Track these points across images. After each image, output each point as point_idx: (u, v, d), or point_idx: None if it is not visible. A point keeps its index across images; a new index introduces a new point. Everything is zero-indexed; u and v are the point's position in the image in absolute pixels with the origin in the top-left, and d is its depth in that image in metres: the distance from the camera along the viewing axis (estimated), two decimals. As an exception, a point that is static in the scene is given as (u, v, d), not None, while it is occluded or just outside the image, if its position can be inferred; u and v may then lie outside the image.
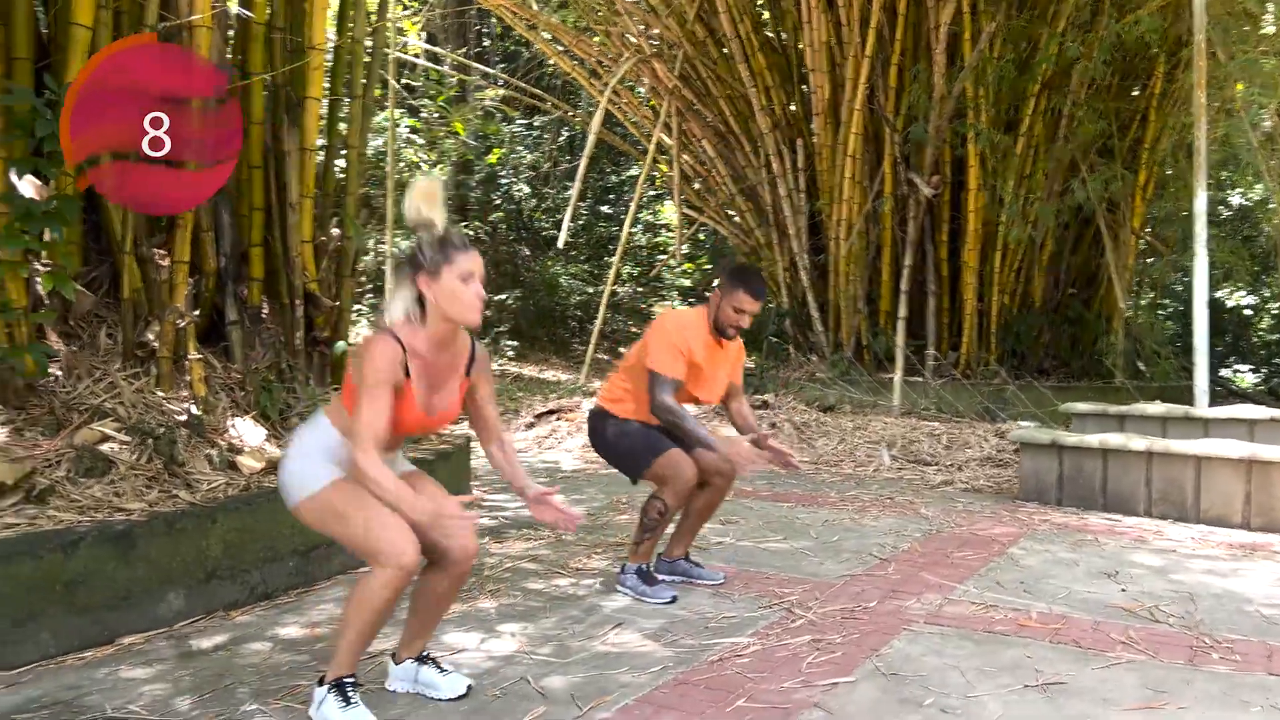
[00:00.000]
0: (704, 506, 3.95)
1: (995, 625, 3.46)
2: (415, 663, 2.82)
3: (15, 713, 2.64)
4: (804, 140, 11.31)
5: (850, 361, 11.20)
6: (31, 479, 3.53)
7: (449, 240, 2.54)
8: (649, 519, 3.74)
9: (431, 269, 2.50)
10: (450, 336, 2.60)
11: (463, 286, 2.51)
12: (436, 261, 2.50)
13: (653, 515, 3.73)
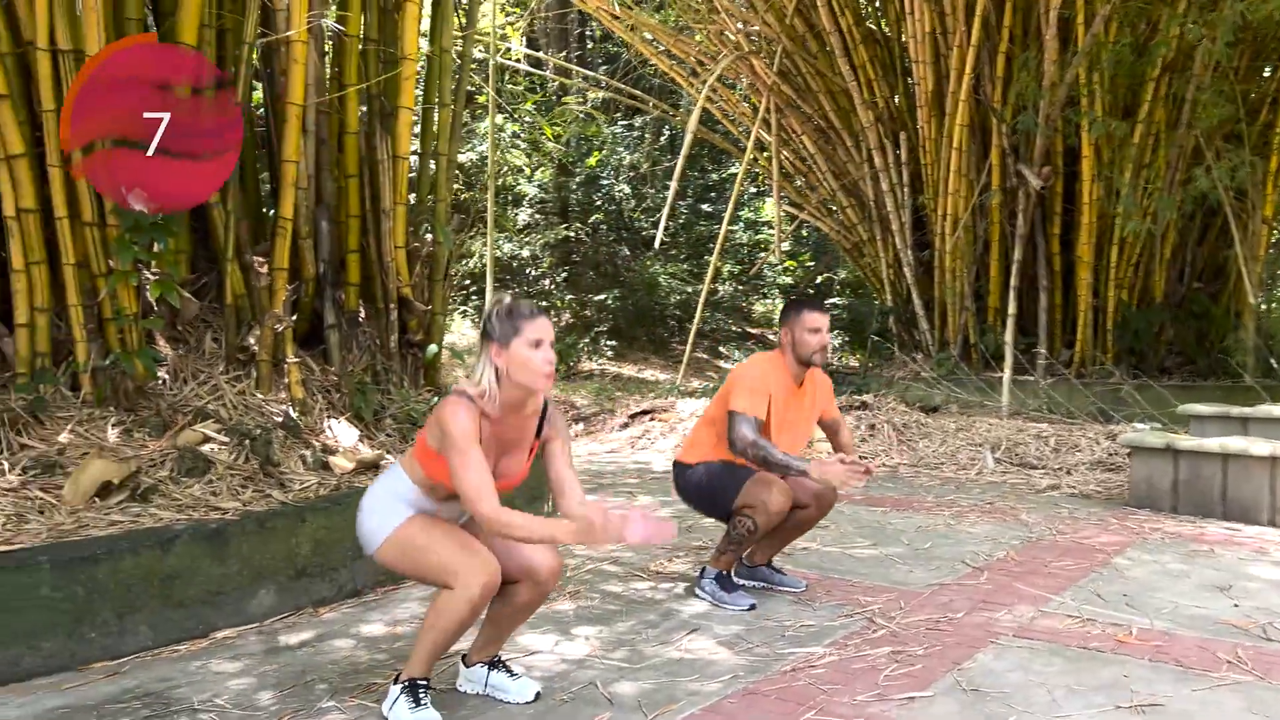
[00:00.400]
0: (797, 524, 3.88)
1: (1090, 641, 3.30)
2: (486, 667, 2.85)
3: (110, 702, 2.78)
4: (907, 133, 11.05)
5: (957, 360, 10.89)
6: (136, 478, 3.71)
7: (517, 310, 2.61)
8: (735, 533, 3.66)
9: (502, 340, 2.58)
10: (522, 402, 2.66)
11: (532, 354, 2.57)
12: (506, 333, 2.58)
13: (740, 531, 3.63)
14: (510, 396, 2.62)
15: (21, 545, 3.10)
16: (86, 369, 4.19)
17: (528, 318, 2.60)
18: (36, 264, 4.19)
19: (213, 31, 4.73)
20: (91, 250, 4.24)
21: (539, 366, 2.57)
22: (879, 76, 11.05)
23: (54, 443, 3.87)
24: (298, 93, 4.73)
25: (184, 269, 4.82)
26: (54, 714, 2.70)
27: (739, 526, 3.65)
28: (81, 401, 4.17)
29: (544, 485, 5.19)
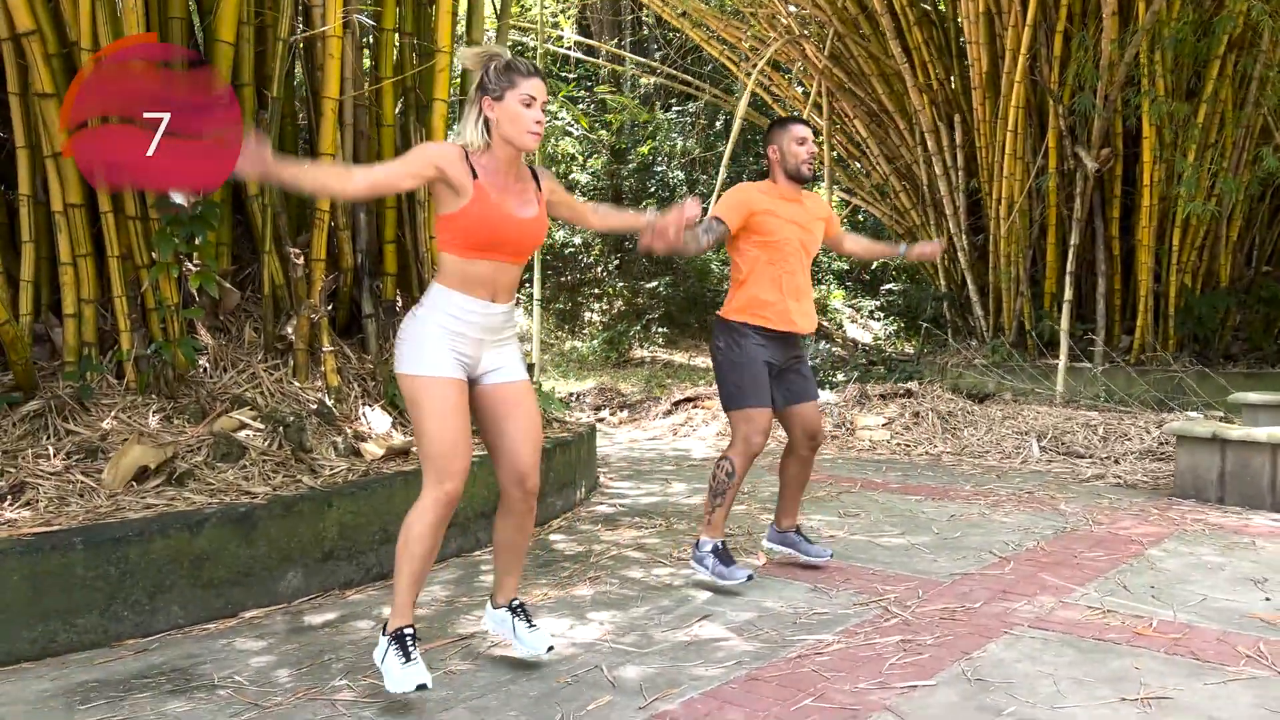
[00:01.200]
0: (797, 474, 4.00)
1: (1107, 633, 3.26)
2: (508, 611, 2.98)
3: (137, 677, 2.91)
4: (962, 116, 10.86)
5: (1011, 347, 10.72)
6: (173, 463, 3.85)
7: (514, 66, 2.69)
8: (717, 482, 3.78)
9: (495, 93, 2.66)
10: (512, 161, 2.74)
11: (524, 110, 2.65)
12: (501, 85, 2.66)
13: (720, 477, 3.76)
14: (501, 153, 2.71)
15: (59, 527, 3.25)
16: (130, 358, 4.36)
17: (524, 75, 2.68)
18: (83, 257, 4.36)
19: (251, 29, 4.85)
20: (135, 243, 4.40)
21: (527, 123, 2.65)
22: (933, 58, 10.87)
23: (98, 429, 4.04)
24: (333, 87, 4.83)
25: (225, 260, 4.97)
26: (84, 687, 2.83)
27: (719, 472, 3.79)
28: (125, 389, 4.34)
29: (577, 472, 5.27)
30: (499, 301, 2.79)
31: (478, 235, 2.68)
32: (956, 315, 11.78)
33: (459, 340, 2.73)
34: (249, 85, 4.87)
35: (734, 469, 3.76)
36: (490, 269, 2.74)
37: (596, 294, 15.06)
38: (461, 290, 2.73)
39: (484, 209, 2.68)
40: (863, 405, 8.28)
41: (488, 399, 2.85)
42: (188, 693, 2.79)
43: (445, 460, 2.64)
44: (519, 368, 2.91)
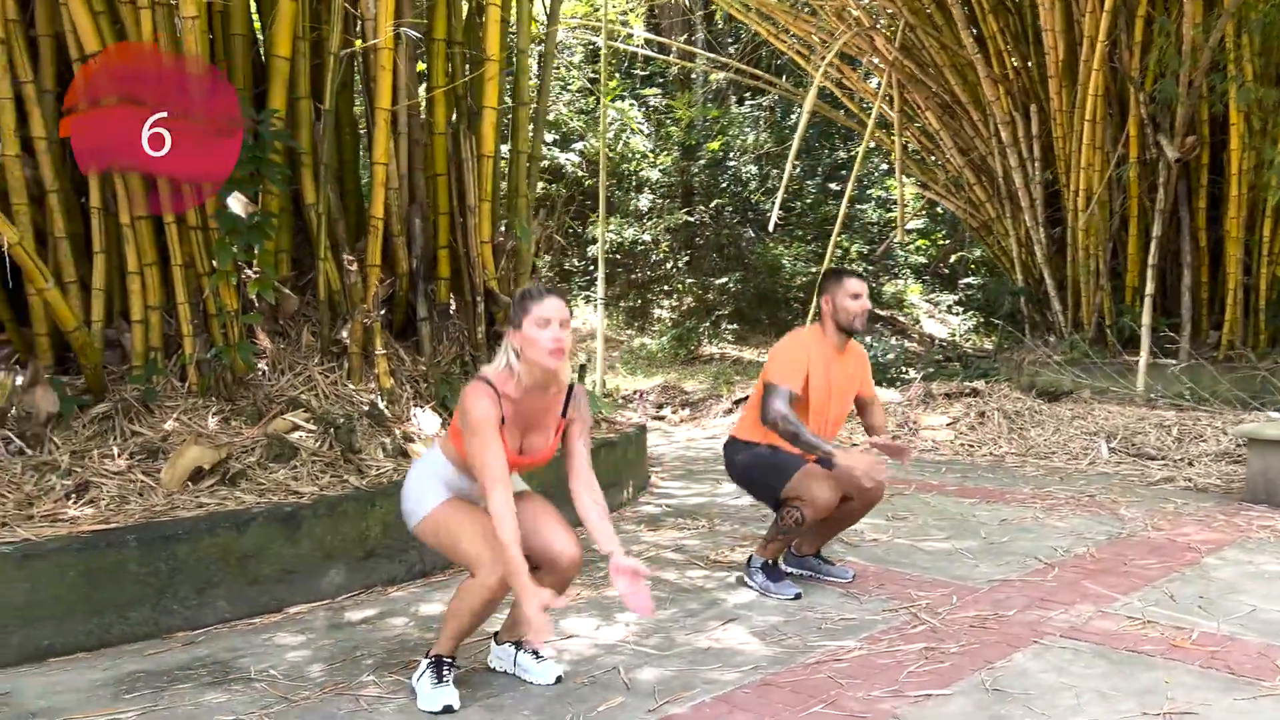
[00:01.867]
0: (843, 516, 3.89)
1: (1143, 644, 3.18)
2: (513, 647, 3.01)
3: (181, 669, 3.07)
4: (1038, 106, 10.59)
5: (1090, 343, 10.42)
6: (227, 464, 4.03)
7: (527, 293, 2.77)
8: (784, 524, 3.70)
9: (516, 323, 2.74)
10: (544, 382, 2.78)
11: (539, 333, 2.69)
12: (519, 315, 2.73)
13: (788, 523, 3.67)
14: (531, 377, 2.75)
15: (115, 525, 3.44)
16: (192, 361, 4.57)
17: (535, 299, 2.73)
18: (149, 266, 4.58)
19: (307, 43, 5.03)
20: (197, 252, 4.61)
21: (545, 344, 2.69)
22: (1008, 47, 10.62)
23: (160, 430, 4.25)
24: (385, 98, 4.98)
25: (285, 267, 5.16)
26: (132, 677, 3.00)
27: (787, 518, 3.69)
28: (188, 391, 4.55)
29: (622, 472, 5.33)
30: None
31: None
32: (1034, 311, 11.50)
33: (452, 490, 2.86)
34: (305, 98, 5.04)
35: (803, 520, 3.63)
36: None
37: (666, 290, 15.11)
38: (464, 473, 2.84)
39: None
40: (927, 404, 8.16)
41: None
42: (225, 684, 2.93)
43: (490, 561, 2.68)
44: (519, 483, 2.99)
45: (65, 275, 4.58)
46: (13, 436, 3.99)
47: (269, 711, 2.73)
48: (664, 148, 15.49)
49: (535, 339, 2.69)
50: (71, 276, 4.60)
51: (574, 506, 2.87)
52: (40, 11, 4.58)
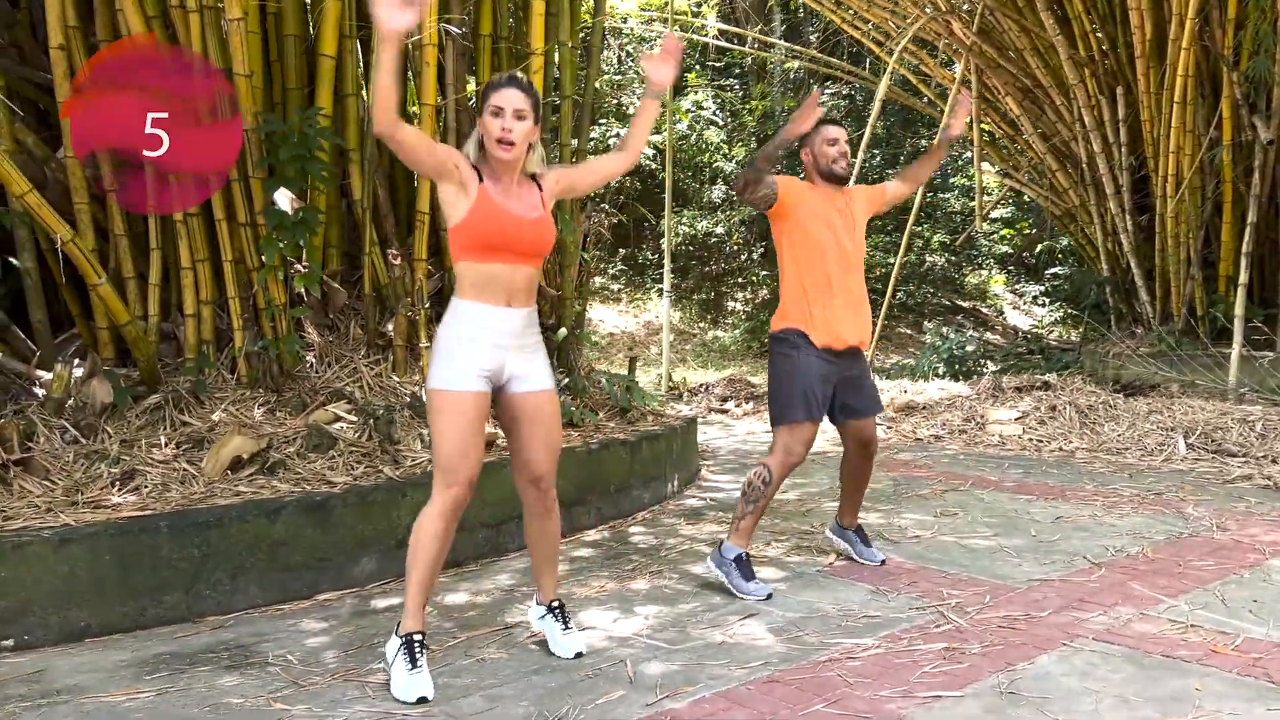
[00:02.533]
0: (852, 477, 3.98)
1: (1179, 649, 3.02)
2: (548, 610, 3.11)
3: (204, 652, 3.16)
4: (1125, 88, 10.16)
5: (1180, 335, 9.97)
6: (267, 454, 4.14)
7: (491, 83, 2.84)
8: (751, 488, 3.68)
9: (478, 110, 2.85)
10: (508, 169, 2.84)
11: (491, 120, 2.78)
12: (480, 103, 2.84)
13: (756, 484, 3.67)
14: (493, 164, 2.83)
15: (150, 512, 3.56)
16: (242, 354, 4.71)
17: (495, 87, 2.80)
18: (201, 261, 4.73)
19: (354, 41, 5.12)
20: (246, 248, 4.74)
21: (494, 132, 2.76)
22: (1093, 27, 10.22)
23: (208, 420, 4.39)
24: (429, 93, 5.04)
25: (336, 261, 5.28)
26: (158, 659, 3.11)
27: (754, 479, 3.69)
28: (236, 383, 4.68)
29: (666, 466, 5.31)
30: (515, 305, 2.86)
31: (485, 235, 2.76)
32: (1120, 301, 11.08)
33: (479, 349, 2.81)
34: (353, 95, 5.14)
35: (770, 477, 3.65)
36: (504, 271, 2.82)
37: (740, 282, 14.99)
38: (477, 299, 2.82)
39: (488, 209, 2.78)
40: (996, 398, 7.92)
41: (511, 406, 2.93)
42: (241, 668, 3.01)
43: (452, 467, 2.77)
44: (544, 377, 2.97)
45: (125, 271, 4.77)
46: (68, 426, 4.17)
47: (277, 695, 2.79)
48: (739, 138, 15.36)
49: (488, 124, 2.78)
50: (130, 272, 4.78)
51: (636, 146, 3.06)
52: (100, 17, 4.76)
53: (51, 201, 4.77)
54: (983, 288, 15.39)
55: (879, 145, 15.65)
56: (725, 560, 3.69)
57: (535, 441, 2.95)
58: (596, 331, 13.88)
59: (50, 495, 3.68)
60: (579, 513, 4.72)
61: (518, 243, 2.82)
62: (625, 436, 5.10)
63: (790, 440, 3.67)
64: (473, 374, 2.79)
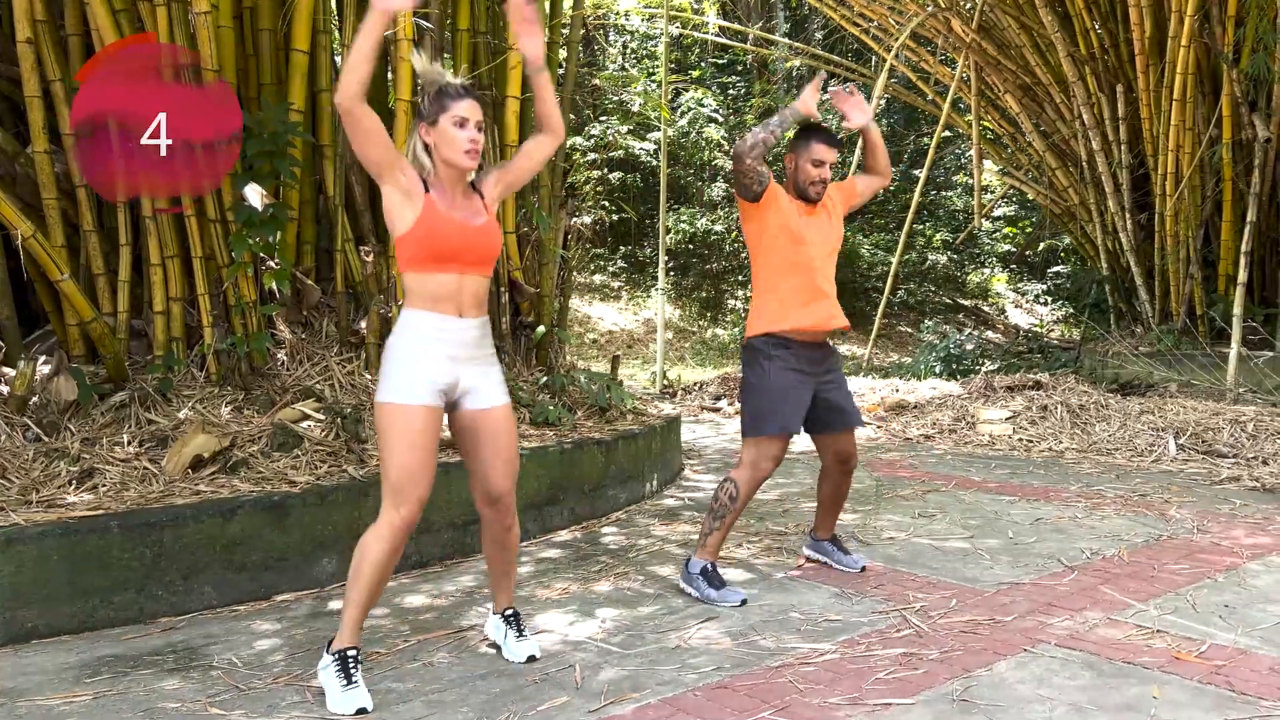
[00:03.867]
0: (831, 494, 3.88)
1: (1141, 656, 2.95)
2: (502, 619, 3.06)
3: (151, 654, 3.11)
4: (1125, 86, 10.06)
5: (1180, 334, 9.87)
6: (229, 452, 4.10)
7: (445, 90, 2.76)
8: (719, 504, 3.62)
9: (430, 118, 2.75)
10: (457, 181, 2.80)
11: (457, 131, 2.71)
12: (434, 111, 2.74)
13: (723, 499, 3.61)
14: (444, 175, 2.77)
15: (101, 512, 3.52)
16: (211, 352, 4.66)
17: (454, 97, 2.73)
18: (171, 258, 4.69)
19: (328, 36, 5.07)
20: (216, 244, 4.69)
21: (462, 143, 2.71)
22: (1093, 24, 10.12)
23: (174, 419, 4.34)
24: (405, 88, 4.99)
25: (309, 258, 5.23)
26: (103, 661, 3.06)
27: (721, 495, 3.63)
28: (206, 380, 4.64)
29: (643, 466, 5.24)
30: (467, 316, 2.79)
31: (433, 246, 2.70)
32: (1120, 300, 10.97)
33: (431, 362, 2.73)
34: (327, 90, 5.09)
35: (737, 493, 3.58)
36: (453, 282, 2.75)
37: (740, 281, 14.90)
38: (429, 309, 2.75)
39: (435, 219, 2.71)
40: (987, 398, 7.83)
41: (465, 424, 2.86)
42: (184, 671, 2.96)
43: (404, 488, 2.67)
44: (498, 392, 2.90)
45: (94, 267, 4.73)
46: (30, 424, 4.13)
47: (215, 700, 2.74)
48: (740, 135, 15.29)
49: (453, 137, 2.71)
50: (100, 268, 4.74)
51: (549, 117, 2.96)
52: (69, 10, 4.72)
53: (21, 197, 4.77)
54: (984, 286, 15.28)
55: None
56: (692, 575, 3.63)
57: (493, 460, 2.86)
58: (595, 329, 13.82)
59: (4, 494, 3.63)
60: (551, 512, 4.66)
61: (467, 252, 2.76)
62: (602, 436, 5.04)
63: (758, 455, 3.58)
64: (424, 388, 2.71)
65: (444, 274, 2.74)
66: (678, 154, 14.40)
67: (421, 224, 2.70)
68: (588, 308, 14.20)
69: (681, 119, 14.31)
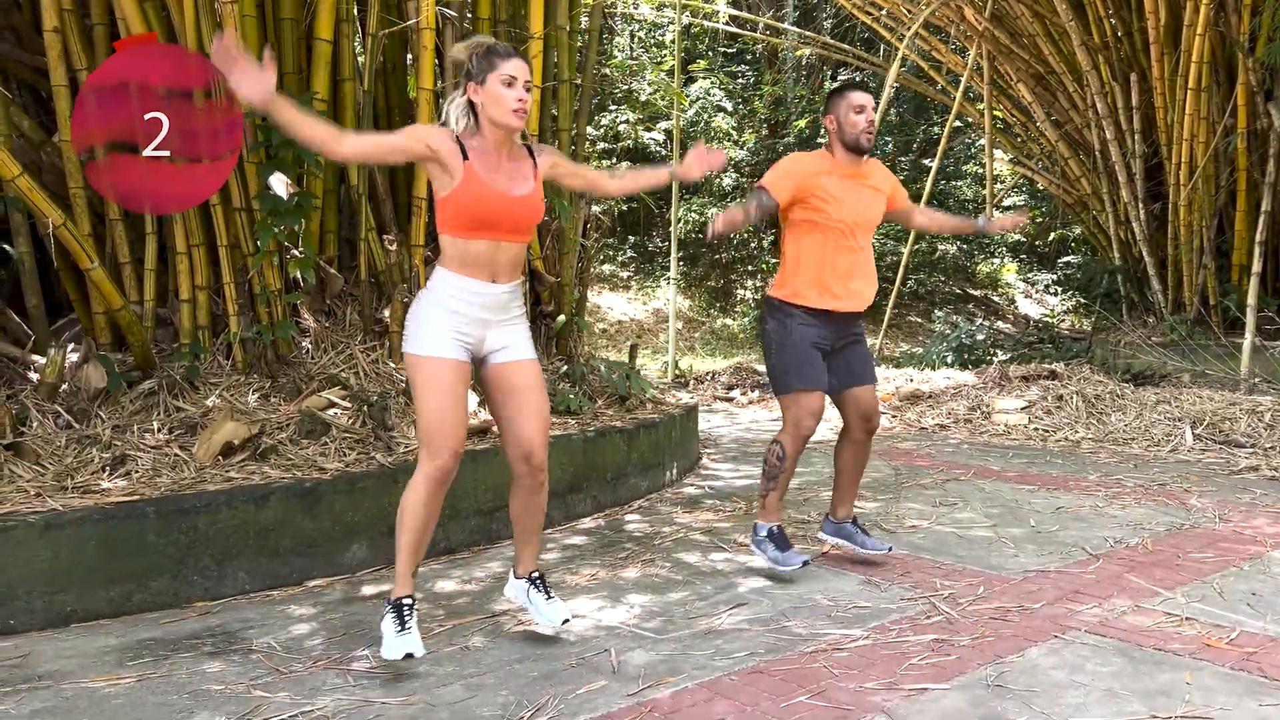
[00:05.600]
0: (851, 460, 3.88)
1: (1172, 643, 2.98)
2: (527, 581, 3.07)
3: (190, 638, 3.15)
4: (1140, 75, 10.04)
5: (1192, 325, 9.88)
6: (258, 440, 4.13)
7: (494, 49, 2.78)
8: (769, 466, 3.71)
9: (479, 77, 2.75)
10: (503, 142, 2.81)
11: (505, 90, 2.72)
12: (483, 69, 2.75)
13: (772, 462, 3.69)
14: (490, 135, 2.78)
15: (138, 498, 3.55)
16: (237, 340, 4.69)
17: (504, 56, 2.75)
18: (196, 246, 4.71)
19: (351, 25, 5.08)
20: (241, 233, 4.72)
21: (510, 103, 2.72)
22: (1107, 13, 10.09)
23: (202, 406, 4.37)
24: (427, 78, 5.00)
25: (333, 247, 5.24)
26: (143, 644, 3.10)
27: (770, 458, 3.71)
28: (232, 368, 4.67)
29: (664, 454, 5.27)
30: (500, 281, 2.83)
31: (471, 213, 2.73)
32: (1133, 290, 10.98)
33: (460, 320, 2.78)
34: (350, 80, 5.10)
35: (785, 453, 3.67)
36: (488, 248, 2.78)
37: (750, 270, 14.91)
38: (461, 272, 2.79)
39: (475, 187, 2.74)
40: (1002, 388, 7.84)
41: (495, 378, 2.91)
42: (225, 654, 2.99)
43: (437, 437, 2.75)
44: (526, 347, 2.95)
45: (120, 255, 4.76)
46: (61, 411, 4.16)
47: (257, 682, 2.77)
48: (750, 125, 15.26)
49: (500, 95, 2.72)
50: (126, 257, 4.77)
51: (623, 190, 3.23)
52: (95, 1, 4.73)
53: (47, 185, 4.79)
54: (994, 276, 15.26)
55: (891, 132, 15.53)
56: (760, 539, 3.72)
57: (525, 412, 2.90)
58: (605, 319, 13.84)
59: (40, 480, 3.67)
60: (574, 500, 4.69)
61: (506, 219, 2.78)
62: (623, 424, 5.07)
63: (799, 412, 3.64)
64: (451, 341, 2.78)
65: (480, 240, 2.77)
66: (687, 143, 14.40)
67: (461, 192, 2.73)
68: (597, 297, 14.22)
69: (690, 109, 14.30)
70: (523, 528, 3.09)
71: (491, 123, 2.76)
